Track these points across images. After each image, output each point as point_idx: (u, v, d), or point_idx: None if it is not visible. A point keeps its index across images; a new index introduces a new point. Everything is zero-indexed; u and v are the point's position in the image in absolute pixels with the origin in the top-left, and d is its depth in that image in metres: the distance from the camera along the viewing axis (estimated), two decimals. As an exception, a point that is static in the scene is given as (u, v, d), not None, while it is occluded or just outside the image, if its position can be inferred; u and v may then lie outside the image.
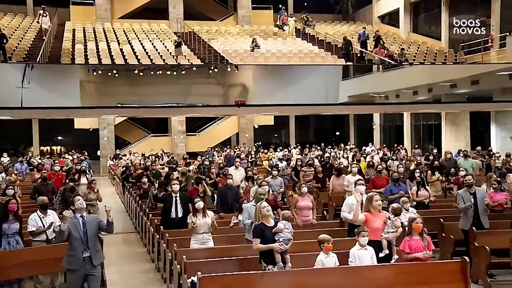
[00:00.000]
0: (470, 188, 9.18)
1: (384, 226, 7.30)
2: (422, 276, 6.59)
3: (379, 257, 7.07)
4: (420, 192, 11.21)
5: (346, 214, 8.69)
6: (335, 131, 40.06)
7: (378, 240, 7.24)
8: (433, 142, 30.20)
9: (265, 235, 6.91)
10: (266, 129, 36.84)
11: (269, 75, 22.30)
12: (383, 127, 34.95)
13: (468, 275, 6.63)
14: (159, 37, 28.35)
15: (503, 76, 21.09)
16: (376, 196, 7.68)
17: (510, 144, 23.97)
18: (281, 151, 25.76)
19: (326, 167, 15.65)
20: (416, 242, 6.83)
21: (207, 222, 8.34)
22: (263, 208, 7.09)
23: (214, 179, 14.08)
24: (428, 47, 28.24)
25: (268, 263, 6.85)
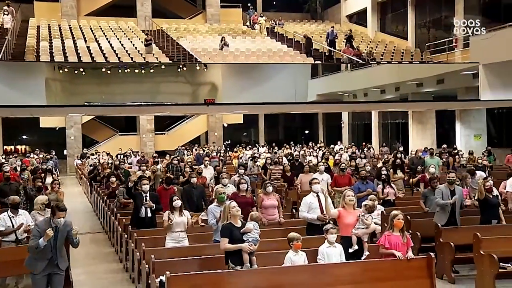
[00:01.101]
0: (451, 185, 9.33)
1: (356, 222, 7.37)
2: (389, 273, 6.68)
3: (348, 252, 7.13)
4: (385, 190, 11.35)
5: (305, 213, 8.72)
6: (304, 129, 40.27)
7: (348, 236, 7.32)
8: (400, 140, 30.66)
9: (233, 235, 6.90)
10: (236, 127, 36.79)
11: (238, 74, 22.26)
12: (351, 125, 35.31)
13: (433, 270, 6.75)
14: (127, 35, 28.03)
15: (467, 76, 21.55)
16: (349, 192, 7.75)
17: (474, 142, 24.51)
18: (251, 150, 25.80)
19: (295, 166, 15.73)
20: (395, 238, 6.91)
21: (183, 220, 8.30)
22: (233, 208, 7.06)
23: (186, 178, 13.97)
24: (395, 47, 28.64)
25: (235, 264, 6.83)
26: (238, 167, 14.40)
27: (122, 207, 12.17)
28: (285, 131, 40.42)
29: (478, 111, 24.82)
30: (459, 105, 24.03)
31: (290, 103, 21.89)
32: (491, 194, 9.33)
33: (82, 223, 15.16)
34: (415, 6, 28.98)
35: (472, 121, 25.15)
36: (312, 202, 8.74)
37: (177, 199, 8.41)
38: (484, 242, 7.97)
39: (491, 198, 9.29)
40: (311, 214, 8.66)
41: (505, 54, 18.97)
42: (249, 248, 6.82)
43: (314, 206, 8.70)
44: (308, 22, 36.23)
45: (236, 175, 12.94)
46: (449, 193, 9.20)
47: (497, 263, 7.55)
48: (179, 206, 8.32)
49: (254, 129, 38.93)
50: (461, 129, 25.11)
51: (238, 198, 8.90)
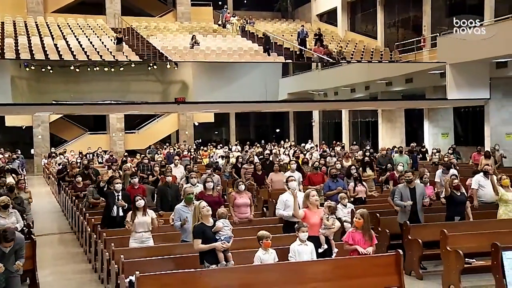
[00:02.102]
0: (410, 184, 9.46)
1: (321, 222, 7.43)
2: (358, 270, 6.76)
3: (318, 252, 7.18)
4: (357, 188, 11.47)
5: (281, 211, 8.78)
6: (275, 128, 40.36)
7: (316, 236, 7.36)
8: (370, 138, 31.01)
9: (206, 235, 6.88)
10: (206, 126, 36.68)
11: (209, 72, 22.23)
12: (322, 124, 35.55)
13: (401, 267, 6.86)
14: (95, 33, 27.67)
15: (435, 75, 21.94)
16: (312, 191, 7.81)
17: (442, 141, 24.95)
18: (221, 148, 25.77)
19: (266, 164, 15.76)
20: (359, 235, 7.00)
21: (146, 221, 8.22)
22: (203, 208, 7.02)
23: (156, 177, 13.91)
24: (365, 46, 28.95)
25: (211, 263, 6.82)
26: (206, 166, 14.35)
27: (92, 207, 12.02)
28: (256, 130, 40.47)
29: (445, 110, 25.28)
30: (427, 104, 24.44)
31: (261, 102, 21.95)
32: (459, 192, 9.50)
33: (50, 223, 14.93)
34: (384, 6, 29.35)
35: (440, 120, 25.60)
36: (288, 199, 8.79)
37: (140, 199, 8.30)
38: (451, 238, 8.13)
39: (458, 195, 9.46)
40: (287, 211, 8.69)
41: (471, 54, 19.37)
42: (222, 247, 6.83)
43: (290, 203, 8.72)
44: (279, 21, 36.35)
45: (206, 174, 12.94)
46: (408, 193, 9.30)
47: (463, 259, 7.71)
48: (142, 206, 8.24)
49: (225, 128, 38.85)
50: (429, 127, 25.54)
51: (205, 197, 8.88)
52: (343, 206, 9.97)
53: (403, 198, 9.30)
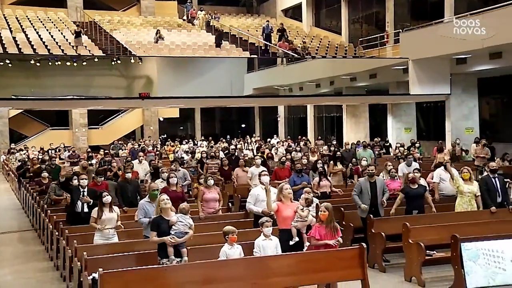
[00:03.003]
0: (371, 178, 9.59)
1: (294, 215, 7.47)
2: (323, 264, 6.81)
3: (289, 245, 7.24)
4: (322, 183, 11.55)
5: (252, 205, 8.80)
6: (240, 123, 40.39)
7: (288, 229, 7.41)
8: (335, 133, 31.31)
9: (161, 228, 6.93)
10: (172, 121, 36.51)
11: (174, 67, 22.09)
12: (287, 119, 35.73)
13: (365, 260, 6.95)
14: (57, 26, 27.10)
15: (398, 70, 22.30)
16: (286, 185, 7.86)
17: (405, 135, 25.38)
18: (187, 144, 25.63)
19: (232, 159, 15.77)
20: (325, 230, 7.04)
21: (113, 217, 8.16)
22: (162, 201, 7.09)
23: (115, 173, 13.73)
24: (329, 41, 29.19)
25: (162, 257, 6.89)
26: (172, 162, 14.29)
27: (53, 203, 11.80)
28: (222, 125, 40.42)
29: (408, 105, 25.73)
30: (390, 99, 24.83)
31: (227, 97, 21.95)
32: (415, 185, 9.66)
33: (9, 221, 14.60)
34: (348, 2, 29.64)
35: (403, 115, 26.05)
36: (260, 194, 8.79)
37: (107, 195, 8.26)
38: (413, 231, 8.29)
39: (413, 189, 9.62)
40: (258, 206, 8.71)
41: (432, 50, 19.76)
42: (170, 241, 6.84)
43: (261, 198, 8.73)
44: (244, 16, 36.30)
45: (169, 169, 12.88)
46: (368, 186, 9.40)
47: (424, 251, 7.89)
48: (109, 202, 8.19)
49: (190, 123, 38.71)
50: (393, 122, 25.95)
51: (169, 193, 8.85)
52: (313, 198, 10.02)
53: (362, 191, 9.39)
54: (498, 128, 23.34)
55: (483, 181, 9.90)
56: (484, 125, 23.06)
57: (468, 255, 7.10)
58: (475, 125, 22.50)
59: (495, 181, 9.75)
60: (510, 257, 7.21)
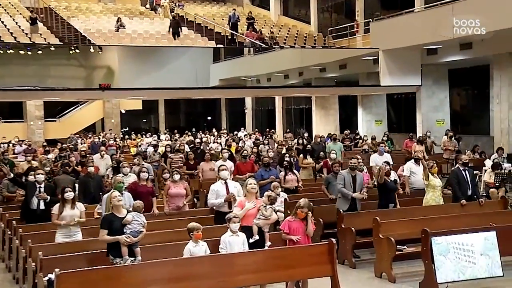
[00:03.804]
0: (353, 171, 9.66)
1: (257, 212, 7.47)
2: (291, 260, 6.85)
3: (249, 242, 7.24)
4: (288, 177, 11.57)
5: (213, 200, 8.77)
6: (206, 115, 40.30)
7: (249, 226, 7.42)
8: (304, 126, 31.45)
9: (113, 227, 6.89)
10: (134, 114, 36.20)
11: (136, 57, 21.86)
12: (255, 111, 35.74)
13: (334, 256, 7.01)
14: (8, 12, 26.37)
15: (368, 61, 22.51)
16: (251, 180, 7.85)
17: (375, 128, 25.69)
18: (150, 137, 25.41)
19: (197, 153, 15.70)
20: (297, 224, 7.10)
21: (75, 214, 8.06)
22: (114, 198, 7.06)
23: (73, 167, 13.53)
24: (298, 31, 29.23)
25: (115, 256, 6.86)
26: (135, 155, 14.14)
27: (6, 201, 11.52)
28: (187, 117, 40.28)
29: (379, 96, 26.02)
30: (360, 90, 25.07)
31: (192, 88, 21.84)
32: (389, 179, 9.81)
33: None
34: (317, -10, 29.72)
35: (374, 107, 26.34)
36: (219, 189, 8.79)
37: (70, 191, 8.15)
38: (383, 226, 8.40)
39: (389, 182, 9.77)
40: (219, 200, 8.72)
41: (403, 41, 19.99)
42: (126, 241, 6.79)
43: (221, 193, 8.75)
44: (210, 4, 36.03)
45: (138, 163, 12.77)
46: (350, 179, 9.51)
47: (394, 246, 8.01)
48: (71, 198, 8.07)
49: (153, 116, 38.46)
50: (363, 114, 26.22)
51: (139, 188, 8.80)
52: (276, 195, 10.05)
53: (345, 185, 9.48)
54: (469, 120, 23.83)
55: (454, 174, 10.11)
56: (455, 117, 23.50)
57: (439, 249, 7.22)
58: (446, 117, 22.90)
59: (465, 174, 9.96)
60: (479, 251, 7.37)
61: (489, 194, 12.47)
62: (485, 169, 14.08)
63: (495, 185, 12.71)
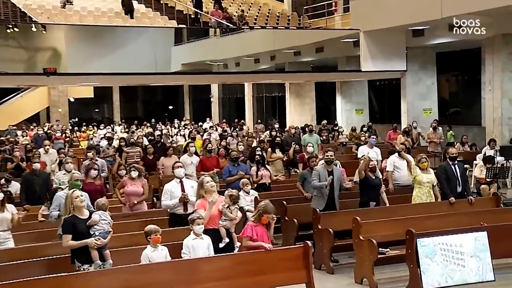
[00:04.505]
0: (329, 166, 9.72)
1: (219, 212, 7.50)
2: (262, 265, 6.89)
3: (219, 247, 7.28)
4: (260, 172, 11.62)
5: (168, 201, 8.74)
6: (167, 105, 40.19)
7: (215, 229, 7.42)
8: (277, 116, 31.56)
9: (78, 230, 6.79)
10: (85, 102, 36.00)
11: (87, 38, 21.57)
12: (222, 99, 35.71)
13: (310, 261, 7.07)
14: None
15: (348, 44, 22.66)
16: (206, 178, 7.86)
17: (356, 118, 25.92)
18: (104, 129, 25.22)
19: (157, 147, 15.64)
20: (261, 229, 7.13)
21: (5, 217, 7.92)
22: (75, 198, 6.93)
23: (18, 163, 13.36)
24: (270, 10, 29.22)
25: (83, 263, 6.75)
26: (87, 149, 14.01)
27: None
28: (145, 107, 40.26)
29: (359, 83, 26.24)
30: (339, 76, 25.22)
31: (150, 74, 21.68)
32: (374, 175, 9.90)
33: None
34: (291, -36, 29.77)
35: (354, 95, 26.55)
36: (174, 190, 8.77)
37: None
38: (364, 226, 8.46)
39: (373, 178, 9.86)
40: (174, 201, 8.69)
41: (386, 21, 20.12)
42: (96, 244, 6.74)
43: (176, 194, 8.73)
44: (171, -22, 35.79)
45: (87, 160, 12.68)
46: (326, 174, 9.57)
47: (376, 248, 8.09)
48: (1, 200, 7.94)
49: (107, 105, 38.30)
50: (342, 103, 26.41)
51: (86, 186, 8.74)
52: (246, 193, 10.10)
53: (320, 181, 9.52)
54: (459, 109, 24.21)
55: (442, 169, 10.23)
56: (443, 106, 23.84)
57: (425, 251, 7.34)
58: (433, 106, 23.17)
59: (455, 169, 10.09)
60: (470, 252, 7.51)
61: (480, 191, 12.73)
62: (476, 163, 14.37)
63: (487, 181, 12.95)
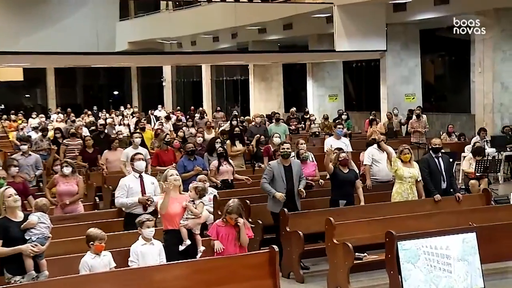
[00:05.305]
0: (286, 160, 9.75)
1: (184, 211, 7.50)
2: (222, 274, 6.91)
3: (179, 251, 7.30)
4: (222, 168, 11.63)
5: (123, 199, 8.73)
6: (112, 90, 40.03)
7: (175, 230, 7.44)
8: (239, 103, 31.57)
9: (10, 234, 6.71)
10: (13, 87, 35.77)
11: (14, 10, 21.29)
12: (176, 84, 35.56)
13: (277, 268, 7.11)
14: None
15: (320, 20, 22.75)
16: (171, 171, 7.85)
17: (329, 104, 26.06)
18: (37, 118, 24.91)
19: (100, 139, 15.54)
20: (227, 230, 7.19)
21: None
22: (8, 196, 6.86)
23: None
24: (231, -20, 29.19)
25: (14, 274, 6.68)
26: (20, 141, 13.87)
27: None
28: (86, 92, 39.94)
29: (333, 65, 26.37)
30: (310, 57, 25.32)
31: (91, 54, 21.46)
32: (346, 168, 9.97)
33: None
34: None
35: (327, 78, 26.66)
36: (132, 186, 8.77)
37: None
38: (338, 228, 8.52)
39: (344, 173, 9.93)
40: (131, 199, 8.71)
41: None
42: (32, 250, 6.67)
43: (135, 190, 8.73)
44: None
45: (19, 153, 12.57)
46: (282, 171, 9.57)
47: (352, 253, 8.16)
48: None
49: (40, 89, 37.93)
50: (314, 88, 26.51)
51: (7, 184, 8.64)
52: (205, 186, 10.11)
53: (275, 178, 9.52)
54: (445, 94, 24.53)
55: (425, 162, 10.34)
56: (428, 91, 24.13)
57: (406, 256, 7.43)
58: (417, 91, 23.42)
59: (438, 162, 10.23)
60: (457, 256, 7.61)
61: (469, 187, 12.93)
62: (464, 156, 14.58)
63: (476, 176, 13.15)
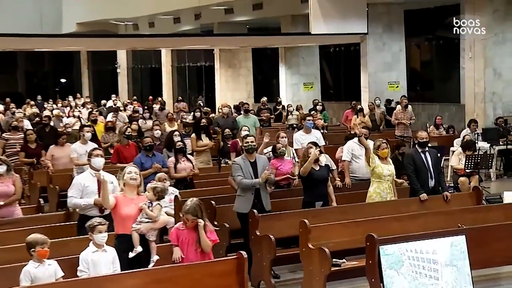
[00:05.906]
0: (251, 155, 9.76)
1: (139, 213, 7.46)
2: (184, 284, 6.91)
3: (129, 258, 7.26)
4: (181, 165, 11.61)
5: (77, 199, 8.69)
6: (58, 77, 39.92)
7: (127, 235, 7.39)
8: (203, 92, 31.51)
9: None
10: None
11: None
12: (132, 70, 35.42)
13: (245, 276, 7.11)
14: None
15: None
16: (130, 167, 7.80)
17: (304, 94, 26.12)
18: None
19: (45, 133, 15.43)
20: (188, 235, 7.16)
21: None
22: None
23: None
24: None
25: None
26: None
27: None
28: (28, 80, 39.79)
29: (308, 50, 26.43)
30: (283, 40, 25.33)
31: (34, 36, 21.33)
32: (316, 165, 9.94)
33: None
34: None
35: (302, 65, 26.71)
36: (88, 185, 8.74)
37: None
38: (314, 231, 8.55)
39: (316, 171, 9.89)
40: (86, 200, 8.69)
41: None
42: None
43: (90, 190, 8.72)
44: None
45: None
46: (249, 168, 9.61)
47: (329, 259, 8.18)
48: None
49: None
50: (287, 75, 26.54)
51: None
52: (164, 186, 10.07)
53: (244, 174, 9.56)
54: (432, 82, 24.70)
55: (409, 158, 10.44)
56: (413, 79, 24.28)
57: (389, 261, 7.47)
58: (401, 79, 23.56)
59: (425, 158, 10.31)
60: (445, 261, 7.67)
61: (458, 185, 13.06)
62: (453, 150, 14.71)
63: (466, 172, 13.29)
